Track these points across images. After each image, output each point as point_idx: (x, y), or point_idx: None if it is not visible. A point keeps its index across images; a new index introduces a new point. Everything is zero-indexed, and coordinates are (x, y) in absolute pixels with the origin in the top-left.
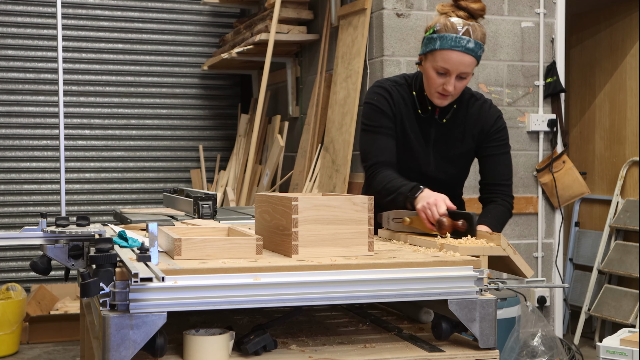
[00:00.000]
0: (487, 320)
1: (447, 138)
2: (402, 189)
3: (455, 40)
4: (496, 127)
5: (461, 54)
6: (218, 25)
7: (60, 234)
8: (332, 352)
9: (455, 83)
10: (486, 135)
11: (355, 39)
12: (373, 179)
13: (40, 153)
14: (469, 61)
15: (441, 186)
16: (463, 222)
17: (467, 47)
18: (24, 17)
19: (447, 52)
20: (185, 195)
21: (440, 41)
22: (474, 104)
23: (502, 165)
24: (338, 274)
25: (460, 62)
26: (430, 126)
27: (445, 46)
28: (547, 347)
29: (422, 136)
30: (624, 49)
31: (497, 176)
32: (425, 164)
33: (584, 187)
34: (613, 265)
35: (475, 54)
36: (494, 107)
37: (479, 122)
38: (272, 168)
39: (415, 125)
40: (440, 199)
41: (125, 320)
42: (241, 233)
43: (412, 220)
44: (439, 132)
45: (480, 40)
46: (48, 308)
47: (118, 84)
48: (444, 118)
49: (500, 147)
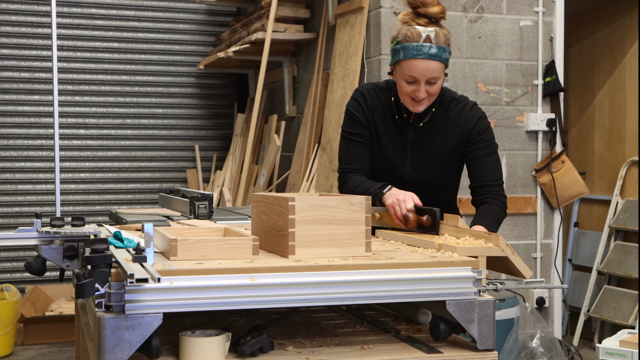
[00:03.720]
0: (485, 321)
1: (425, 141)
2: (371, 188)
3: (417, 49)
4: (478, 128)
5: (425, 60)
6: (214, 24)
7: (55, 234)
8: (329, 354)
9: (425, 88)
10: (469, 139)
11: (352, 38)
12: (344, 184)
13: (35, 153)
14: (434, 66)
15: (417, 188)
16: (427, 217)
17: (429, 53)
18: (18, 15)
19: (410, 61)
20: (181, 195)
21: (403, 51)
22: (455, 107)
23: (490, 165)
24: (335, 274)
25: (425, 69)
26: (407, 130)
27: (408, 56)
28: (546, 349)
29: (400, 139)
30: (624, 47)
31: (486, 177)
32: (400, 167)
33: (583, 187)
34: (612, 266)
35: (440, 58)
36: (477, 109)
37: (459, 125)
38: (268, 168)
39: (392, 128)
40: (408, 196)
41: (121, 321)
42: (237, 233)
43: (382, 216)
44: (416, 135)
45: (443, 43)
46: (43, 309)
47: (113, 83)
48: (421, 122)
49: (485, 148)
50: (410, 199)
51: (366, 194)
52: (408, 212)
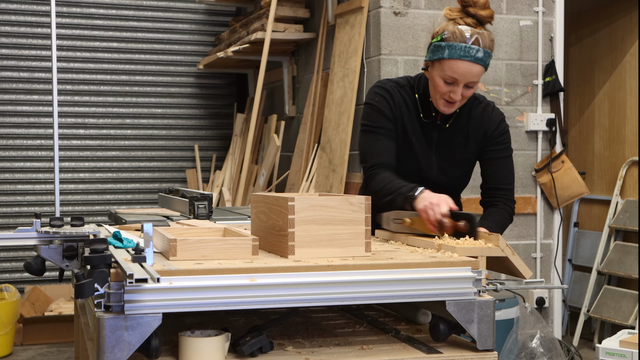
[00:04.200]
0: (485, 321)
1: (450, 142)
2: (402, 189)
3: (465, 50)
4: (499, 130)
5: (470, 63)
6: (214, 24)
7: (54, 234)
8: (328, 354)
9: (462, 91)
10: (489, 139)
11: (352, 38)
12: (372, 180)
13: (35, 153)
14: (477, 71)
15: (443, 190)
16: (465, 223)
17: (476, 56)
18: (17, 15)
19: (455, 61)
20: (181, 195)
21: (448, 50)
22: (477, 107)
23: (505, 169)
24: (335, 274)
25: (468, 72)
26: (432, 130)
27: (454, 56)
28: (545, 349)
29: (425, 139)
30: (624, 47)
31: (499, 180)
32: (427, 168)
33: (583, 187)
34: (612, 266)
35: (484, 63)
36: (497, 109)
37: (483, 126)
38: (268, 168)
39: (417, 128)
40: (442, 199)
41: (120, 321)
42: (237, 234)
43: (412, 221)
44: (442, 136)
45: (488, 48)
46: (42, 309)
47: (113, 83)
48: (447, 123)
49: (503, 150)
50: (445, 202)
51: (395, 194)
52: (443, 217)
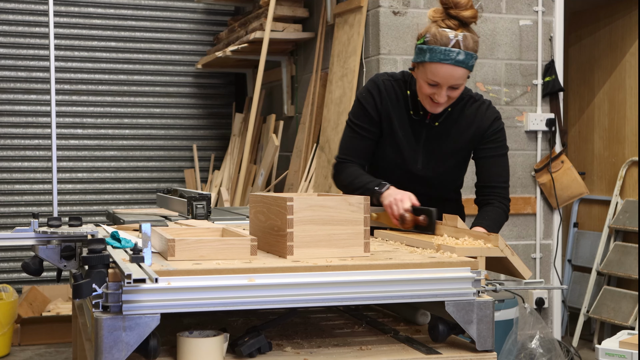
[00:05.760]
0: (484, 322)
1: (438, 138)
2: (369, 184)
3: (445, 53)
4: (493, 128)
5: (451, 67)
6: (212, 24)
7: (52, 234)
8: (327, 354)
9: (447, 93)
10: (483, 137)
11: (351, 37)
12: (340, 172)
13: (32, 152)
14: (459, 74)
15: (430, 184)
16: (424, 217)
17: (457, 59)
18: (15, 14)
19: (436, 65)
20: (179, 195)
21: (429, 53)
22: (470, 106)
23: (499, 167)
24: (333, 275)
25: (450, 76)
26: (421, 127)
27: (434, 59)
28: (545, 350)
29: (413, 135)
30: (624, 47)
31: (493, 178)
32: (412, 162)
33: (582, 188)
34: (612, 266)
35: (466, 65)
36: (492, 108)
37: (474, 123)
38: (266, 168)
39: (406, 123)
40: (406, 195)
41: (118, 321)
42: (235, 234)
43: (378, 216)
44: (430, 133)
45: (472, 50)
46: (40, 309)
47: (111, 83)
48: (437, 121)
49: (497, 148)
50: (408, 198)
51: (363, 189)
52: (405, 211)
